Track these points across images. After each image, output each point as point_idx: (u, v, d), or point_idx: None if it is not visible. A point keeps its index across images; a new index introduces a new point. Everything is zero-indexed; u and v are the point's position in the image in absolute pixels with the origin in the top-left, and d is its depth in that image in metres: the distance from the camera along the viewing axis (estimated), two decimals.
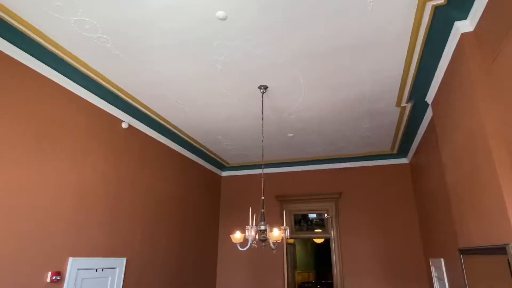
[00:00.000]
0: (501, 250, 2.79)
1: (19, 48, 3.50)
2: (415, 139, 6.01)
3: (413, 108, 4.95)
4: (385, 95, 4.58)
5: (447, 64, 3.68)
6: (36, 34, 3.32)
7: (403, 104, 4.82)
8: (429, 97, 4.47)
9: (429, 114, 4.90)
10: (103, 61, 3.79)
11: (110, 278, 4.50)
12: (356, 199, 7.29)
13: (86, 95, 4.38)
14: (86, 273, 4.11)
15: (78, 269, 3.98)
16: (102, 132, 4.63)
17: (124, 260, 4.76)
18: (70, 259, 3.90)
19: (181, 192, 6.55)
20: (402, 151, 6.82)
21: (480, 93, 3.01)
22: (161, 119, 5.36)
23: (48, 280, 3.62)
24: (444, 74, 3.81)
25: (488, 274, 3.21)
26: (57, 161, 3.92)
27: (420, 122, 5.34)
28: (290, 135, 6.07)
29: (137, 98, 4.68)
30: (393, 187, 7.10)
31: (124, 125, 5.00)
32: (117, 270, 4.63)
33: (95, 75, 4.05)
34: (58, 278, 3.71)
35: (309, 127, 5.69)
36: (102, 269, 4.37)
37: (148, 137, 5.67)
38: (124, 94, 4.53)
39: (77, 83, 4.21)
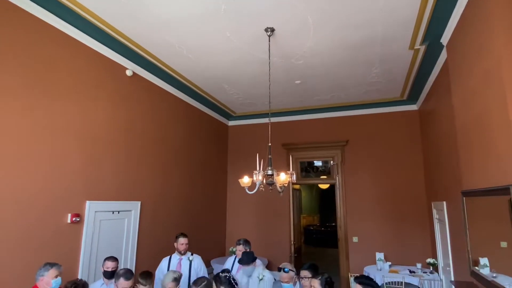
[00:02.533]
0: (503, 191, 2.84)
1: None
2: (426, 84, 5.84)
3: (426, 51, 4.73)
4: (398, 36, 4.35)
5: (466, 1, 3.43)
6: None
7: (417, 46, 4.60)
8: (445, 38, 4.25)
9: (442, 57, 4.70)
10: (103, 4, 3.62)
11: (126, 220, 4.79)
12: (362, 146, 7.35)
13: (88, 41, 4.26)
14: (103, 215, 4.37)
15: (95, 212, 4.22)
16: (107, 79, 4.59)
17: (138, 203, 5.02)
18: (87, 202, 4.12)
19: (189, 140, 6.65)
20: (412, 97, 6.68)
21: (499, 32, 2.84)
22: (165, 67, 5.25)
23: (69, 221, 3.87)
24: (463, 13, 3.57)
25: (489, 214, 3.32)
26: (65, 108, 3.95)
27: (433, 65, 5.14)
28: (298, 82, 5.94)
29: (140, 44, 4.54)
30: (400, 134, 7.09)
31: (128, 73, 4.93)
32: (133, 212, 4.91)
33: (96, 19, 3.89)
34: (78, 219, 3.96)
35: (317, 73, 5.53)
36: (119, 212, 4.63)
37: (154, 85, 5.61)
38: (126, 40, 4.39)
39: (79, 29, 4.07)
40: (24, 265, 3.26)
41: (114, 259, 3.35)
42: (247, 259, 3.51)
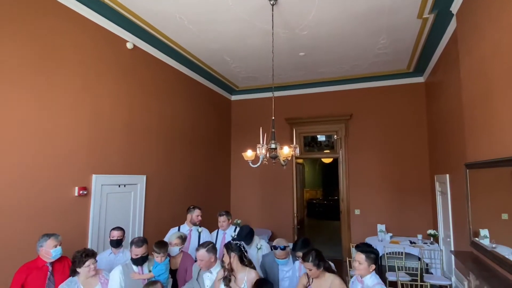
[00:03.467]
0: (507, 162, 2.84)
1: None
2: (434, 55, 5.69)
3: (435, 20, 4.56)
4: (406, 4, 4.19)
5: None
6: None
7: (425, 15, 4.43)
8: (455, 7, 4.08)
9: (451, 26, 4.54)
10: None
11: (132, 193, 4.88)
12: (367, 120, 7.29)
13: (87, 13, 4.15)
14: (110, 188, 4.45)
15: (102, 185, 4.30)
16: (107, 53, 4.51)
17: (144, 177, 5.09)
18: (94, 176, 4.19)
19: (192, 115, 6.63)
20: (419, 70, 6.53)
21: (511, 1, 2.72)
22: (165, 39, 5.14)
23: (76, 194, 3.95)
24: None
25: (491, 187, 3.33)
26: (67, 82, 3.92)
27: (442, 35, 4.98)
28: (302, 54, 5.81)
29: (139, 15, 4.42)
30: (406, 108, 7.01)
31: (129, 45, 4.84)
32: (139, 186, 4.99)
33: None
34: (85, 192, 4.04)
35: (322, 44, 5.39)
36: (125, 185, 4.71)
37: (156, 59, 5.52)
38: (125, 10, 4.27)
39: (77, 0, 3.96)
40: (35, 237, 3.36)
41: (119, 229, 3.45)
42: (250, 238, 3.58)
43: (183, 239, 3.36)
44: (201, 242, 3.92)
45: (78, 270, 2.68)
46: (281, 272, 3.03)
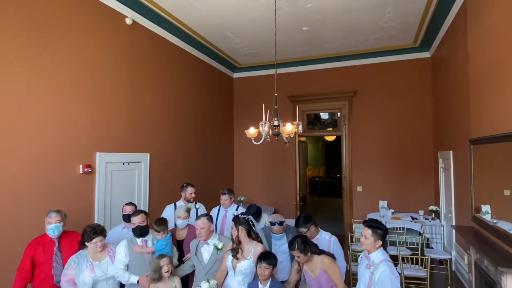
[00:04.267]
0: None
1: None
2: (441, 29, 5.52)
3: None
4: None
5: None
6: None
7: None
8: None
9: None
10: None
11: (137, 171, 4.92)
12: (371, 97, 7.19)
13: None
14: (114, 166, 4.48)
15: (106, 163, 4.33)
16: (106, 28, 4.41)
17: (147, 155, 5.12)
18: (97, 154, 4.21)
19: (195, 93, 6.58)
20: (425, 44, 6.36)
21: None
22: (165, 13, 5.00)
23: (81, 171, 3.99)
24: None
25: (495, 162, 3.32)
26: (67, 59, 3.87)
27: (450, 8, 4.81)
28: (305, 28, 5.66)
29: None
30: (411, 84, 6.89)
31: (128, 21, 4.72)
32: (143, 164, 5.03)
33: None
34: (90, 170, 4.07)
35: (326, 18, 5.23)
36: (129, 163, 4.75)
37: (156, 35, 5.40)
38: None
39: None
40: (42, 213, 3.43)
41: (132, 204, 3.51)
42: (258, 216, 3.64)
43: (189, 211, 3.45)
44: None
45: (87, 244, 2.74)
46: (274, 246, 3.07)
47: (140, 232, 2.96)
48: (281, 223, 3.06)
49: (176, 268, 2.98)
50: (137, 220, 2.95)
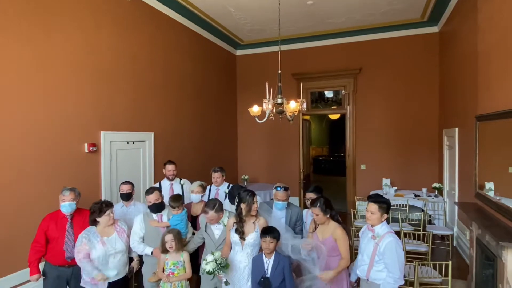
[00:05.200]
0: None
1: None
2: (450, 3, 5.33)
3: None
4: None
5: None
6: None
7: None
8: None
9: None
10: None
11: (141, 149, 4.96)
12: (376, 74, 7.07)
13: None
14: (119, 145, 4.51)
15: (111, 142, 4.36)
16: (107, 5, 4.31)
17: (152, 134, 5.14)
18: (102, 132, 4.23)
19: (197, 71, 6.50)
20: (433, 18, 6.16)
21: None
22: None
23: (86, 150, 4.02)
24: None
25: (500, 139, 3.28)
26: (66, 36, 3.81)
27: None
28: (310, 2, 5.49)
29: None
30: (417, 60, 6.74)
31: None
32: (147, 143, 5.05)
33: None
34: (95, 149, 4.11)
35: None
36: (133, 142, 4.77)
37: (157, 11, 5.27)
38: None
39: None
40: (49, 190, 3.50)
41: (128, 183, 3.56)
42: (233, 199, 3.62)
43: (204, 187, 3.52)
44: (185, 193, 4.00)
45: (98, 219, 2.81)
46: (273, 219, 2.99)
47: (157, 208, 3.08)
48: (286, 189, 3.09)
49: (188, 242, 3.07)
50: (152, 198, 3.03)
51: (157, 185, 4.15)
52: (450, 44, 5.72)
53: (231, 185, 4.08)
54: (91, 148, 4.05)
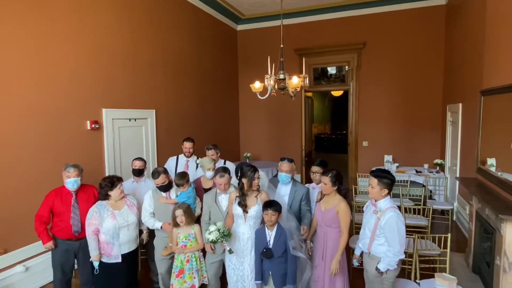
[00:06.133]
0: None
1: None
2: None
3: None
4: None
5: None
6: None
7: None
8: None
9: None
10: None
11: (143, 127, 4.96)
12: (381, 48, 6.92)
13: None
14: (121, 122, 4.51)
15: (113, 119, 4.36)
16: None
17: (153, 111, 5.12)
18: (104, 110, 4.22)
19: (197, 47, 6.38)
20: None
21: None
22: None
23: (89, 128, 4.03)
24: None
25: (505, 113, 3.24)
26: (64, 15, 3.73)
27: None
28: None
29: None
30: (423, 34, 6.57)
31: None
32: (149, 120, 5.05)
33: None
34: (97, 126, 4.11)
35: None
36: (135, 119, 4.77)
37: None
38: None
39: None
40: (52, 167, 3.54)
41: (141, 159, 3.60)
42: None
43: (215, 163, 3.57)
44: (199, 171, 4.01)
45: (110, 193, 2.87)
46: (277, 196, 2.99)
47: (165, 189, 3.14)
48: (290, 160, 3.07)
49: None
50: (159, 181, 3.08)
51: (174, 158, 4.22)
52: (457, 17, 5.56)
53: (226, 161, 4.11)
54: (93, 126, 4.05)
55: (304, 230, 2.87)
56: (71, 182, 2.93)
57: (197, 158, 4.20)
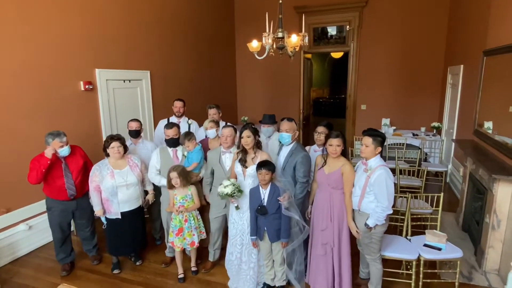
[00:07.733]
0: None
1: None
2: None
3: None
4: None
5: None
6: None
7: None
8: None
9: None
10: None
11: (138, 88, 4.86)
12: (383, 7, 6.62)
13: None
14: (115, 83, 4.41)
15: (107, 80, 4.25)
16: None
17: (148, 72, 4.99)
18: (97, 70, 4.11)
19: (192, 4, 6.08)
20: None
21: None
22: None
23: (82, 88, 3.94)
24: None
25: (506, 75, 3.19)
26: None
27: None
28: None
29: None
30: None
31: None
32: (144, 81, 4.94)
33: None
34: (91, 87, 4.02)
35: None
36: (130, 81, 4.66)
37: None
38: None
39: None
40: (50, 129, 3.50)
41: (136, 120, 3.56)
42: (269, 119, 3.53)
43: (216, 122, 3.55)
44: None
45: (107, 150, 2.91)
46: (278, 156, 2.98)
47: (173, 143, 3.16)
48: (290, 119, 2.97)
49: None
50: (171, 133, 3.11)
51: (165, 120, 4.15)
52: None
53: (227, 123, 4.08)
54: (87, 87, 3.96)
55: (284, 198, 2.62)
56: (65, 150, 2.90)
57: (188, 119, 4.17)
